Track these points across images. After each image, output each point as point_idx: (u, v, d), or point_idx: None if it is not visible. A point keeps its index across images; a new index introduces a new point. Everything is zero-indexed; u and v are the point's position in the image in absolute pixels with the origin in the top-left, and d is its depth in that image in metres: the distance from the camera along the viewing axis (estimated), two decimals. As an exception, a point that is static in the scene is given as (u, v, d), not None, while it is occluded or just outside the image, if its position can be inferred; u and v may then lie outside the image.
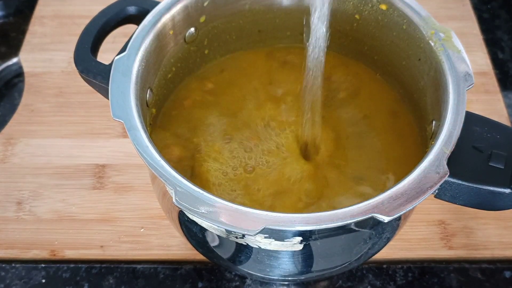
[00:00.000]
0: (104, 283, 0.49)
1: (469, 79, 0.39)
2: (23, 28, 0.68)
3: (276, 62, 0.52)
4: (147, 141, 0.37)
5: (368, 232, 0.40)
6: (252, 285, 0.49)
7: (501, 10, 0.71)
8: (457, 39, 0.41)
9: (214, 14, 0.47)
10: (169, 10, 0.44)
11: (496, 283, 0.49)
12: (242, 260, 0.42)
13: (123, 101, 0.39)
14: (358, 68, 0.51)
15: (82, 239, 0.51)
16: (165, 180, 0.35)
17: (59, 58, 0.64)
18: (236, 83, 0.50)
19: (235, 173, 0.44)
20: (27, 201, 0.53)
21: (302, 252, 0.39)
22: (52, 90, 0.62)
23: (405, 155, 0.45)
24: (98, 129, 0.58)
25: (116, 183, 0.55)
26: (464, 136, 0.37)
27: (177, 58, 0.47)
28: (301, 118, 0.45)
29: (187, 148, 0.46)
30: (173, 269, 0.50)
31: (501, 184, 0.36)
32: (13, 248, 0.51)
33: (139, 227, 0.52)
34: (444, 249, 0.51)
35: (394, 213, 0.33)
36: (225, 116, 0.48)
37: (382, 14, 0.46)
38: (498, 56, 0.65)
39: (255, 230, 0.33)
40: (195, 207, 0.34)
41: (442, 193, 0.37)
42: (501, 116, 0.59)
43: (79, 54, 0.42)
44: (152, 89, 0.44)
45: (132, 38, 0.42)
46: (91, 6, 0.68)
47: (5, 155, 0.56)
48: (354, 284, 0.49)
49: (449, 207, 0.52)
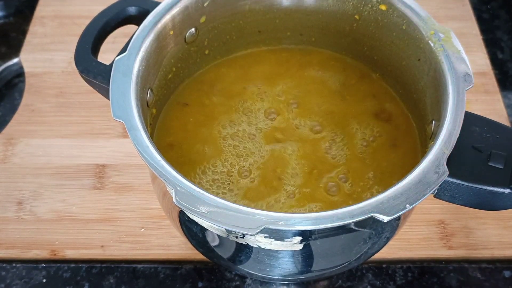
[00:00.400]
0: (105, 283, 0.49)
1: (468, 79, 0.39)
2: (23, 28, 0.68)
3: (276, 62, 0.52)
4: (147, 141, 0.37)
5: (368, 232, 0.40)
6: (252, 284, 0.49)
7: (500, 10, 0.71)
8: (457, 40, 0.41)
9: (214, 15, 0.47)
10: (169, 10, 0.44)
11: (495, 283, 0.49)
12: (242, 260, 0.42)
13: (123, 101, 0.39)
14: (358, 68, 0.51)
15: (83, 239, 0.51)
16: (166, 180, 0.35)
17: (60, 58, 0.64)
18: (236, 83, 0.50)
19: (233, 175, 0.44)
20: (27, 201, 0.54)
21: (302, 252, 0.39)
22: (53, 90, 0.62)
23: (404, 155, 0.45)
24: (98, 129, 0.58)
25: (117, 183, 0.55)
26: (463, 136, 0.37)
27: (178, 58, 0.47)
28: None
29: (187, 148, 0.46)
30: (173, 269, 0.50)
31: (501, 184, 0.36)
32: (13, 248, 0.51)
33: (140, 227, 0.52)
34: (444, 249, 0.51)
35: (394, 213, 0.34)
36: (226, 116, 0.48)
37: (381, 14, 0.46)
38: (498, 56, 0.65)
39: (255, 230, 0.33)
40: (196, 207, 0.34)
41: (442, 193, 0.37)
42: (500, 116, 0.59)
43: (80, 54, 0.43)
44: (153, 89, 0.44)
45: (132, 39, 0.42)
46: (92, 6, 0.68)
47: (5, 155, 0.56)
48: (354, 283, 0.49)
49: (449, 207, 0.52)
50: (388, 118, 0.47)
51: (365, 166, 0.44)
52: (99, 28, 0.44)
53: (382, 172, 0.44)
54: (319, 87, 0.50)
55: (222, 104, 0.49)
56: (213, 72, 0.51)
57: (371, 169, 0.44)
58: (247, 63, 0.51)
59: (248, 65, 0.51)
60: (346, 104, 0.48)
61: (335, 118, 0.47)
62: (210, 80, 0.50)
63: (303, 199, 0.43)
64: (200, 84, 0.50)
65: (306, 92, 0.49)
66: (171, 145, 0.46)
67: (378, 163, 0.45)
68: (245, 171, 0.44)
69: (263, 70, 0.51)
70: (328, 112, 0.48)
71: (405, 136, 0.46)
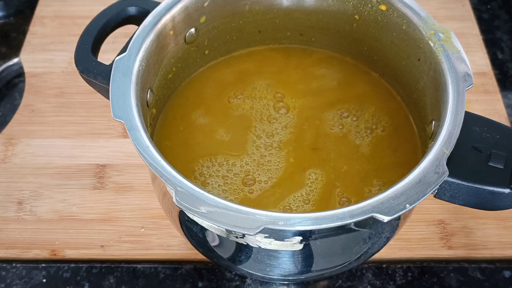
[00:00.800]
0: (105, 283, 0.49)
1: (468, 79, 0.39)
2: (23, 28, 0.68)
3: (276, 62, 0.52)
4: (147, 141, 0.37)
5: (368, 232, 0.40)
6: (252, 284, 0.49)
7: (500, 11, 0.71)
8: (457, 40, 0.41)
9: (214, 15, 0.47)
10: (169, 10, 0.44)
11: (495, 282, 0.49)
12: (242, 260, 0.42)
13: (123, 101, 0.39)
14: (358, 68, 0.51)
15: (83, 239, 0.51)
16: (166, 180, 0.35)
17: (60, 58, 0.64)
18: (236, 83, 0.50)
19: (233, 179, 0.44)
20: (27, 201, 0.54)
21: (302, 252, 0.39)
22: (53, 90, 0.62)
23: (404, 155, 0.45)
24: (98, 129, 0.58)
25: (117, 183, 0.55)
26: (463, 136, 0.37)
27: (178, 58, 0.47)
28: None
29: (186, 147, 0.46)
30: (173, 268, 0.50)
31: (501, 184, 0.36)
32: (13, 248, 0.51)
33: (140, 227, 0.52)
34: (444, 249, 0.51)
35: (394, 213, 0.34)
36: (226, 116, 0.48)
37: (381, 14, 0.46)
38: (498, 57, 0.66)
39: (255, 230, 0.33)
40: (196, 207, 0.34)
41: (442, 193, 0.37)
42: (500, 116, 0.59)
43: (80, 54, 0.43)
44: (153, 89, 0.44)
45: (132, 39, 0.42)
46: (92, 6, 0.68)
47: (5, 155, 0.57)
48: (354, 283, 0.49)
49: (449, 207, 0.52)
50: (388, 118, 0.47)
51: (364, 166, 0.45)
52: (99, 28, 0.44)
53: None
54: (319, 87, 0.50)
55: (222, 104, 0.49)
56: (213, 72, 0.51)
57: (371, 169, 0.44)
58: (247, 63, 0.51)
59: (248, 65, 0.51)
60: (346, 104, 0.48)
61: (334, 118, 0.48)
62: (210, 80, 0.50)
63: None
64: (200, 84, 0.50)
65: (306, 92, 0.49)
66: (171, 145, 0.46)
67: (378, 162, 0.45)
68: (245, 171, 0.44)
69: (263, 70, 0.51)
70: (328, 112, 0.48)
71: (405, 136, 0.46)
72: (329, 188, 0.43)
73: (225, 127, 0.47)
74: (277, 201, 0.43)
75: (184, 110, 0.48)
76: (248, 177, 0.44)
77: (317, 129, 0.47)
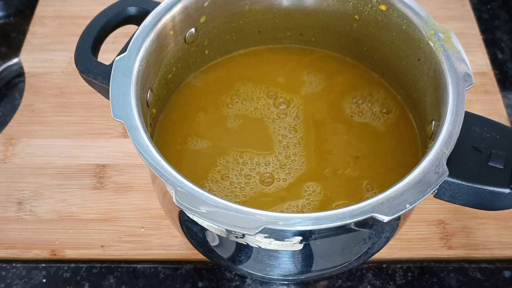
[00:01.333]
0: (105, 283, 0.49)
1: (468, 79, 0.39)
2: (23, 28, 0.68)
3: (277, 62, 0.52)
4: (147, 141, 0.37)
5: (368, 232, 0.40)
6: (252, 284, 0.49)
7: (500, 11, 0.71)
8: (457, 40, 0.41)
9: (214, 15, 0.47)
10: (169, 10, 0.44)
11: (495, 282, 0.49)
12: (242, 260, 0.42)
13: (123, 101, 0.39)
14: (358, 68, 0.51)
15: (83, 239, 0.51)
16: (166, 180, 0.35)
17: (60, 58, 0.64)
18: (236, 83, 0.50)
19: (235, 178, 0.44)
20: (27, 201, 0.54)
21: (302, 252, 0.39)
22: (53, 90, 0.62)
23: (404, 155, 0.45)
24: (98, 129, 0.58)
25: (117, 183, 0.55)
26: (463, 136, 0.37)
27: (178, 58, 0.47)
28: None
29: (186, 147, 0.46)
30: (173, 268, 0.50)
31: (501, 184, 0.36)
32: (13, 248, 0.51)
33: (140, 227, 0.52)
34: (444, 249, 0.51)
35: (394, 213, 0.34)
36: (226, 116, 0.48)
37: (381, 14, 0.46)
38: (498, 57, 0.66)
39: (255, 230, 0.33)
40: (196, 207, 0.34)
41: (442, 193, 0.37)
42: (500, 116, 0.59)
43: (80, 54, 0.43)
44: (153, 89, 0.44)
45: (132, 39, 0.42)
46: (92, 6, 0.68)
47: (5, 155, 0.57)
48: (354, 283, 0.49)
49: (449, 207, 0.52)
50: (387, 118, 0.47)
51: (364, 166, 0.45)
52: (99, 28, 0.44)
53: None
54: (319, 87, 0.50)
55: (222, 104, 0.49)
56: (213, 72, 0.51)
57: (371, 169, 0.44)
58: (247, 63, 0.52)
59: (248, 65, 0.51)
60: (345, 104, 0.48)
61: (335, 118, 0.48)
62: (210, 80, 0.50)
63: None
64: (200, 84, 0.50)
65: (306, 92, 0.49)
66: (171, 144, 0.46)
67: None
68: (245, 170, 0.44)
69: (263, 70, 0.51)
70: (328, 112, 0.48)
71: (405, 136, 0.46)
72: (325, 200, 0.44)
73: (225, 127, 0.47)
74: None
75: (184, 110, 0.48)
76: (247, 174, 0.44)
77: (316, 130, 0.47)
